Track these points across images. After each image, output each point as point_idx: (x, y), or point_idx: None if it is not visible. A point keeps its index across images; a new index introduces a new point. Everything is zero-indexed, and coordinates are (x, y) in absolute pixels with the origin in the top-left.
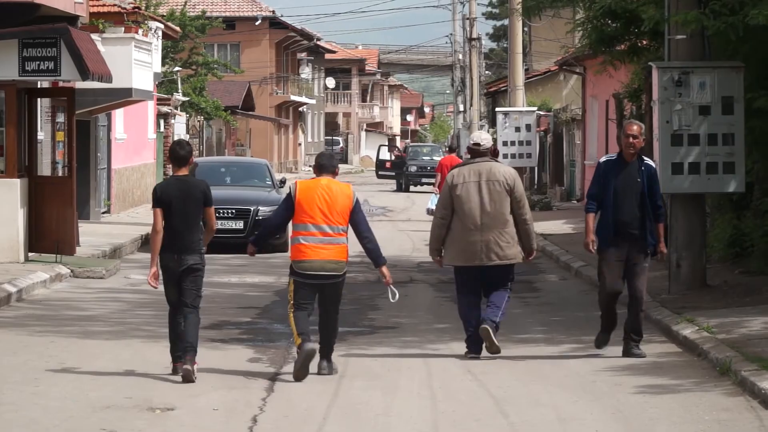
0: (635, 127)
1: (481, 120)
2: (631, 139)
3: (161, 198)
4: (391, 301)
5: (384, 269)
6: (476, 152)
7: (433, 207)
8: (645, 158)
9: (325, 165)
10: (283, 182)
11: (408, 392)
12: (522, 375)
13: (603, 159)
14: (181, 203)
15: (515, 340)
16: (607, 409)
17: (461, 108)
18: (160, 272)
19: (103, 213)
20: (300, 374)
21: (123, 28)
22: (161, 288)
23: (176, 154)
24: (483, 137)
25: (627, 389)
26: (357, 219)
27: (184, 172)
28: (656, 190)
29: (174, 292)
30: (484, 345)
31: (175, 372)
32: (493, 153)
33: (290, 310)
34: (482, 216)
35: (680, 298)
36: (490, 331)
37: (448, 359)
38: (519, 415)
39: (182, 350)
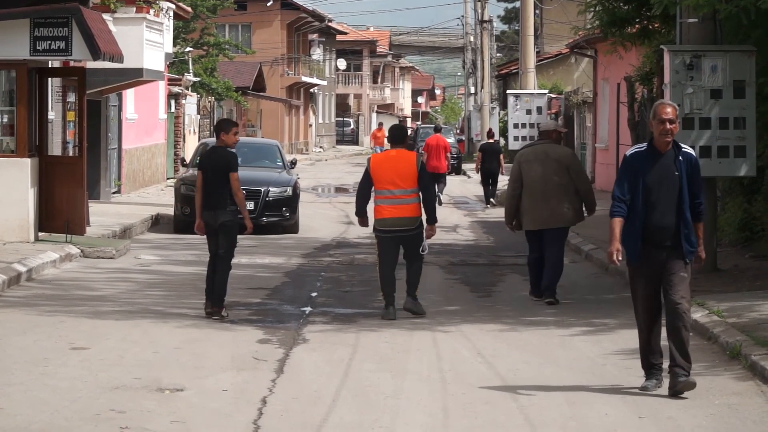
0: (669, 109)
1: (492, 102)
2: (667, 125)
3: (199, 164)
4: (421, 252)
5: (432, 227)
6: (540, 135)
7: None
8: (683, 146)
9: (395, 137)
10: (293, 163)
11: (418, 375)
12: (532, 358)
13: (630, 151)
14: (210, 169)
15: (525, 323)
16: (616, 393)
17: (472, 90)
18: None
19: (114, 193)
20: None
21: (134, 8)
22: (170, 268)
23: (216, 128)
24: (543, 123)
25: (637, 372)
26: (420, 181)
27: (218, 143)
28: (698, 184)
29: (213, 244)
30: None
31: (207, 314)
32: (555, 135)
33: (378, 266)
34: (544, 189)
35: (691, 282)
36: (554, 302)
37: (457, 341)
38: (529, 398)
39: (211, 300)
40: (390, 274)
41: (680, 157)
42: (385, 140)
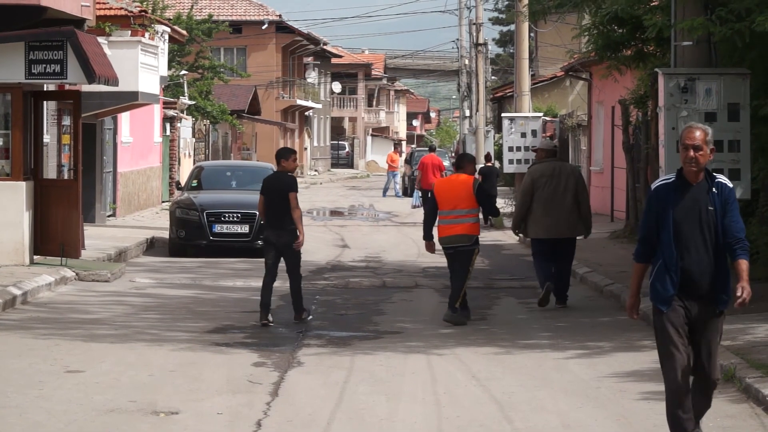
0: (698, 133)
1: (487, 125)
2: (691, 152)
3: (262, 189)
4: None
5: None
6: (548, 154)
7: (416, 203)
8: (717, 176)
9: (458, 164)
10: None
11: (412, 397)
12: (526, 380)
13: (656, 183)
14: (273, 193)
15: (520, 346)
16: (611, 416)
17: (467, 113)
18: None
19: (109, 216)
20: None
21: (129, 32)
22: (165, 291)
23: (276, 155)
24: (543, 142)
25: (632, 395)
26: (478, 200)
27: (280, 169)
28: (735, 218)
29: (270, 258)
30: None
31: (263, 324)
32: (555, 153)
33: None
34: (557, 201)
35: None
36: (564, 305)
37: (452, 364)
38: (523, 421)
39: (293, 308)
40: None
41: (714, 189)
42: (399, 165)
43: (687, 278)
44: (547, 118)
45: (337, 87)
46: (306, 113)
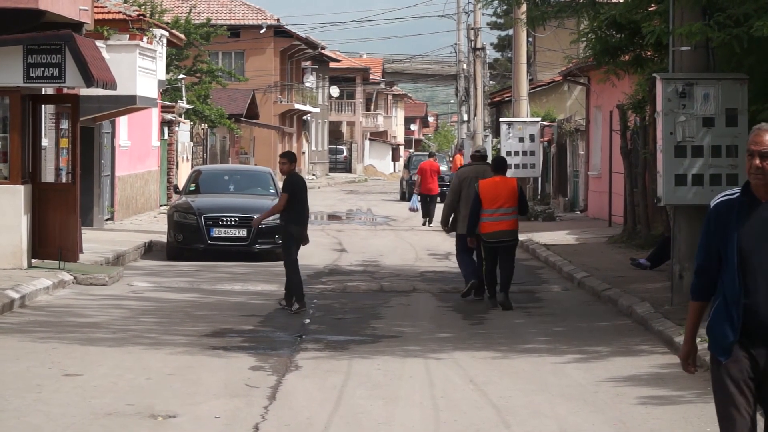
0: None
1: (485, 130)
2: (757, 160)
3: (288, 188)
4: None
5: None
6: (478, 158)
7: (414, 206)
8: None
9: (498, 167)
10: None
11: (410, 401)
12: (524, 385)
13: (717, 199)
14: (300, 191)
15: (518, 350)
16: (608, 420)
17: (465, 118)
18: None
19: (107, 220)
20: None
21: (128, 36)
22: (163, 295)
23: (294, 158)
24: (482, 149)
25: (629, 400)
26: (521, 201)
27: (293, 170)
28: None
29: (295, 253)
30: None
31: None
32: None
33: (483, 269)
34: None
35: (682, 310)
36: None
37: (450, 368)
38: (520, 426)
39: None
40: (494, 273)
41: None
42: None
43: (754, 320)
44: (545, 123)
45: (335, 91)
46: (304, 117)
